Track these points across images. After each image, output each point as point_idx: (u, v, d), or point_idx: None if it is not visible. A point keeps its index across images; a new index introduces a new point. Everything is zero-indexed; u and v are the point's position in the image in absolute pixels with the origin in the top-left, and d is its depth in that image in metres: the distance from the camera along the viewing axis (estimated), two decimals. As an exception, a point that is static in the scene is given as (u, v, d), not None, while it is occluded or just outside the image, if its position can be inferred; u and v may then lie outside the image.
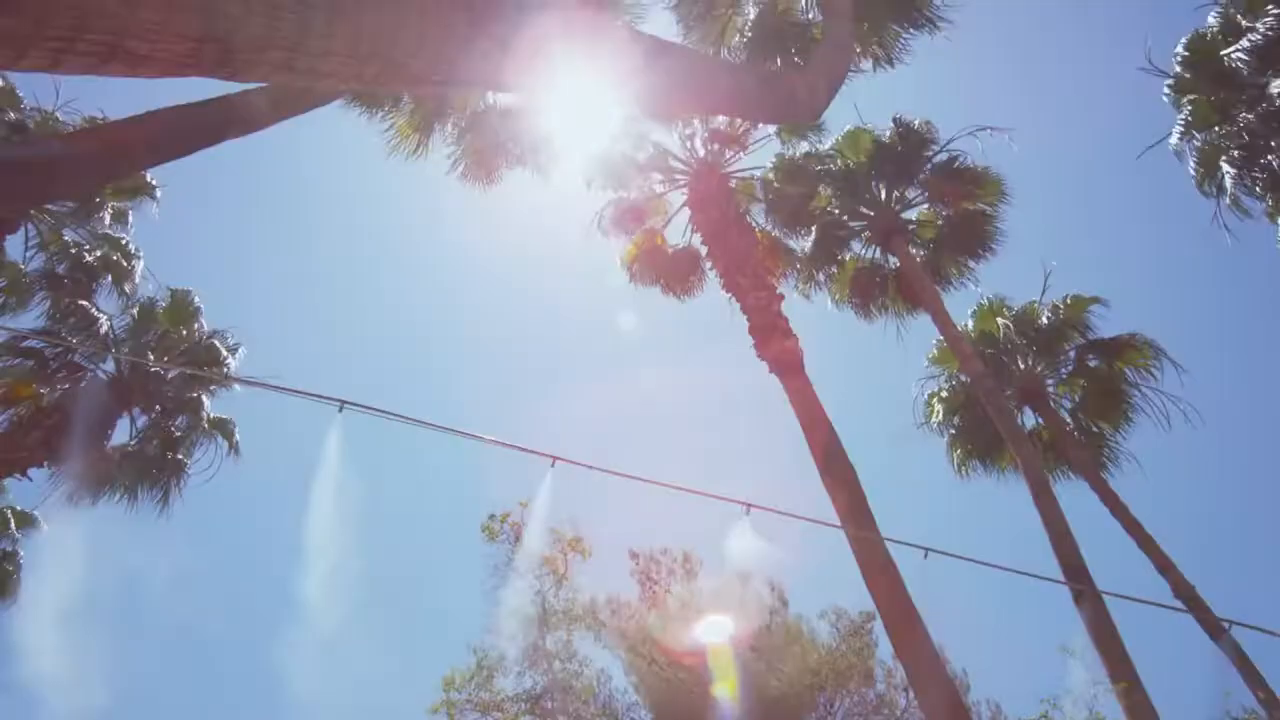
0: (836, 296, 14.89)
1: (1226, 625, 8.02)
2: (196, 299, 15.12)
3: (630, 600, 20.15)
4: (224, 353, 15.21)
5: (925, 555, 4.67)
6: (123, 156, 5.58)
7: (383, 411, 4.37)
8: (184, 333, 15.01)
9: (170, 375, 14.76)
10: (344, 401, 4.34)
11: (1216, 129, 12.07)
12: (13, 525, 15.84)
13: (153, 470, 15.32)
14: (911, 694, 14.49)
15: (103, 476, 14.60)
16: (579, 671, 16.08)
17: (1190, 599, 10.41)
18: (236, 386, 15.68)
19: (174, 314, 14.91)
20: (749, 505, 4.73)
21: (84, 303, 13.83)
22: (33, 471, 13.68)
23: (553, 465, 4.65)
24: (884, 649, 19.07)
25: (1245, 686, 9.10)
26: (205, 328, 15.21)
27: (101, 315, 14.03)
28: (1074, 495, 14.39)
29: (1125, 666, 6.31)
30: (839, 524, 7.05)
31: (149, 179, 14.05)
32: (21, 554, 15.95)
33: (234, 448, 15.59)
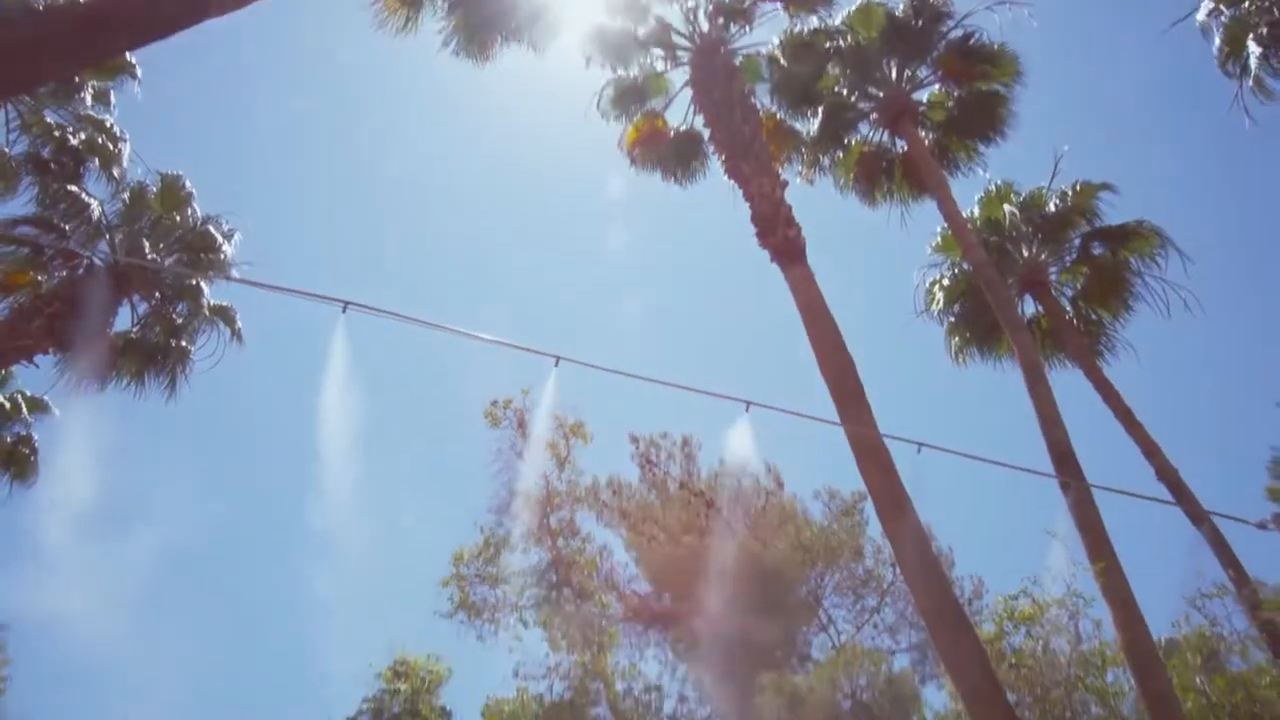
0: (841, 181, 14.59)
1: (1206, 514, 8.39)
2: (187, 184, 14.81)
3: (630, 482, 20.85)
4: (220, 239, 15.04)
5: (919, 450, 4.81)
6: (101, 34, 5.31)
7: (386, 312, 4.37)
8: (177, 219, 14.79)
9: (168, 262, 14.65)
10: (347, 302, 4.33)
11: (1246, 3, 11.49)
12: (25, 410, 16.14)
13: (157, 357, 15.47)
14: (898, 570, 15.19)
15: (108, 363, 14.76)
16: (581, 548, 16.82)
17: (1173, 483, 10.76)
18: (235, 273, 15.63)
19: (166, 199, 14.64)
20: (749, 403, 4.81)
21: (73, 188, 13.55)
22: (40, 359, 13.82)
23: (556, 365, 4.68)
24: (874, 528, 19.91)
25: (1219, 566, 9.57)
26: (198, 213, 14.97)
27: (92, 200, 13.79)
28: (1068, 383, 14.62)
29: (1105, 549, 6.60)
30: (836, 420, 7.19)
31: (129, 58, 13.47)
32: (36, 438, 16.34)
33: (236, 335, 15.68)
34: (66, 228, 13.78)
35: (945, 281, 14.98)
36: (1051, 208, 14.45)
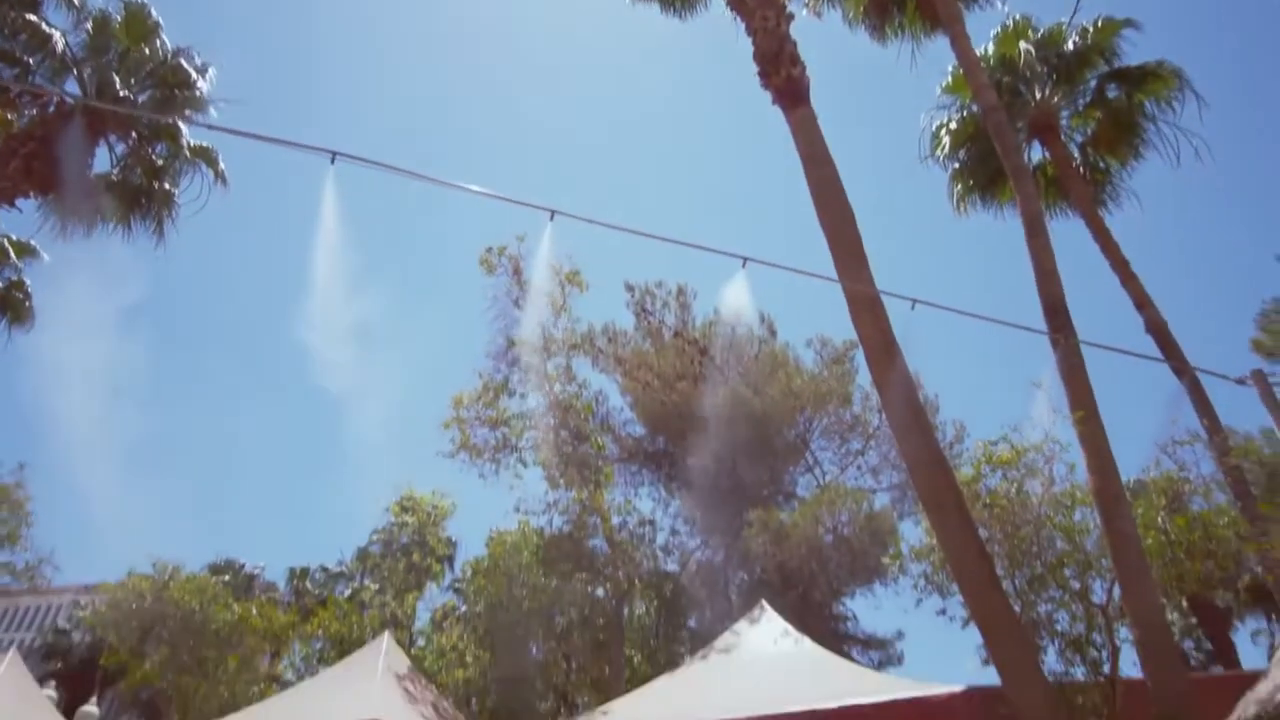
0: (850, 14, 13.71)
1: (1190, 369, 8.52)
2: (153, 12, 13.88)
3: (626, 329, 21.07)
4: (193, 74, 14.29)
5: (913, 306, 4.80)
6: None
7: (376, 163, 4.20)
8: (145, 51, 13.98)
9: (141, 99, 13.99)
10: (335, 153, 4.15)
11: None
12: (12, 255, 15.96)
13: (141, 200, 15.13)
14: (884, 416, 15.62)
15: (92, 206, 14.45)
16: (578, 393, 17.20)
17: (1161, 335, 10.90)
18: (213, 110, 14.98)
19: (131, 29, 13.76)
20: (745, 259, 4.74)
21: (32, 17, 12.70)
22: (23, 204, 13.50)
23: (551, 219, 4.57)
24: (863, 376, 20.36)
25: (1196, 415, 9.87)
26: (168, 45, 14.13)
27: (54, 31, 12.97)
28: (1067, 233, 14.49)
29: (1087, 399, 6.77)
30: (832, 276, 7.13)
31: None
32: (28, 282, 16.27)
33: (220, 177, 15.26)
34: (30, 61, 13.05)
35: (952, 125, 14.46)
36: (1070, 45, 13.71)
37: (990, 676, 5.97)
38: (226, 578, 27.78)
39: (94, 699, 20.05)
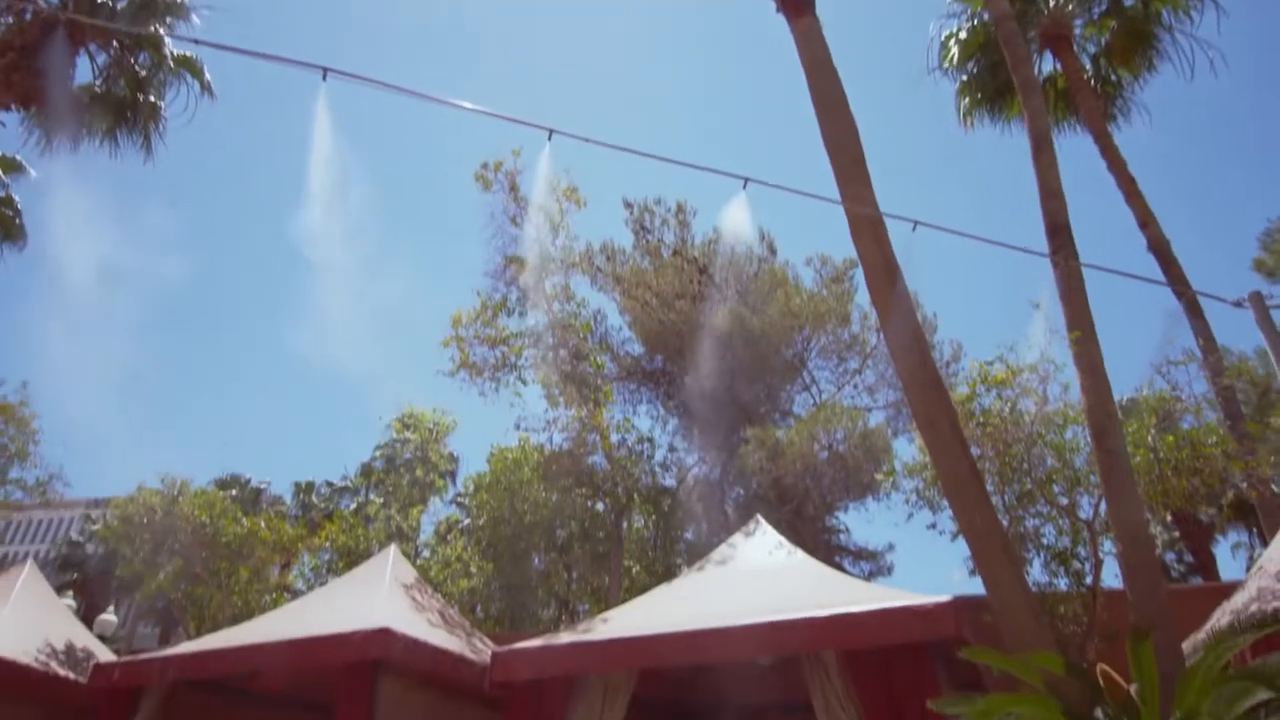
0: (860, -85, 13.10)
1: (1192, 292, 8.48)
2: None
3: (624, 248, 20.87)
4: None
5: (914, 228, 4.75)
6: None
7: (368, 79, 4.08)
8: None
9: (120, 6, 13.48)
10: (327, 69, 4.02)
11: None
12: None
13: (127, 113, 14.76)
14: (882, 335, 15.66)
15: (77, 119, 14.11)
16: (576, 312, 17.17)
17: (1163, 254, 10.85)
18: (195, 18, 14.45)
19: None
20: (746, 180, 4.66)
21: (-1, -83, 12.09)
22: (6, 118, 13.18)
23: (549, 139, 4.47)
24: (862, 295, 20.30)
25: (1192, 336, 9.93)
26: (146, -52, 13.53)
27: (24, -68, 12.36)
28: (1073, 149, 14.22)
29: (1085, 319, 6.78)
30: (834, 198, 7.01)
31: None
32: (17, 199, 16.02)
33: (206, 88, 14.86)
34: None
35: (962, 34, 14.03)
36: (1088, -50, 13.17)
37: (976, 587, 6.20)
38: (234, 492, 28.44)
39: (111, 607, 20.78)
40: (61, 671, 9.72)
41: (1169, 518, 18.34)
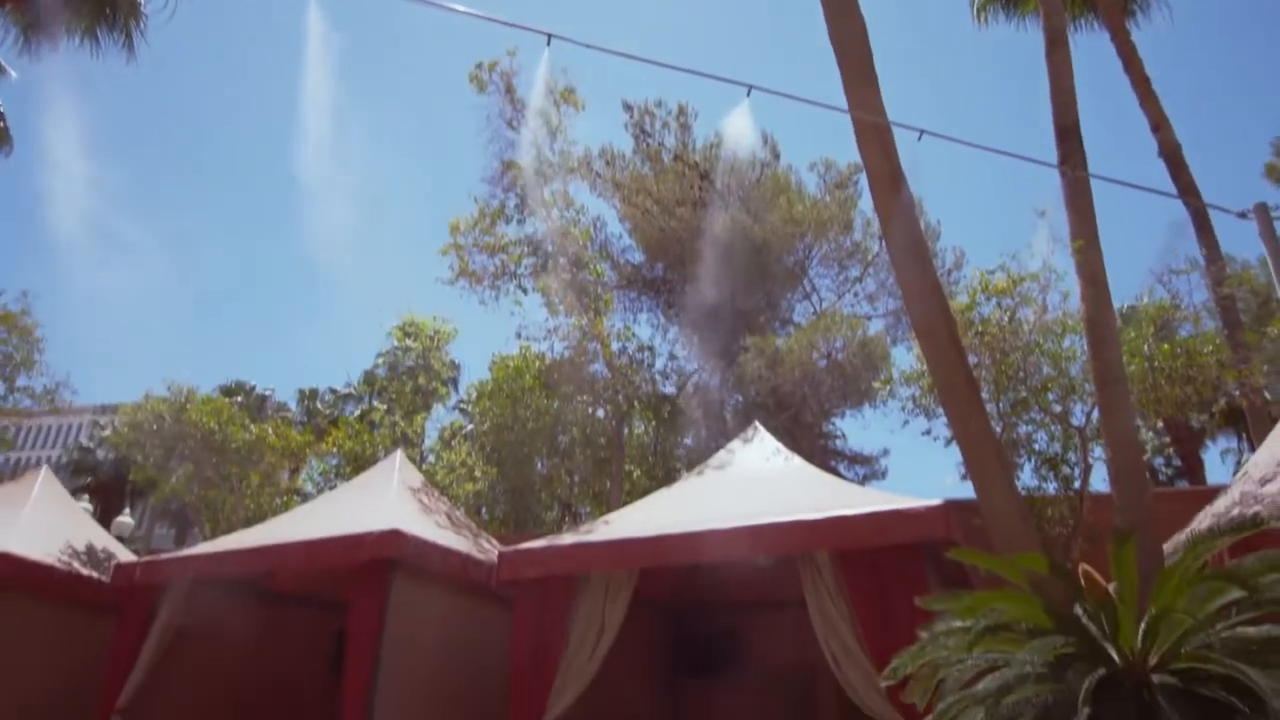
0: None
1: (1203, 203, 8.34)
2: None
3: (624, 153, 20.43)
4: None
5: (920, 137, 4.64)
6: None
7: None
8: None
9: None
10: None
11: None
12: (-22, 71, 15.17)
13: (105, 9, 14.20)
14: (884, 243, 15.52)
15: (55, 17, 13.58)
16: (576, 219, 16.98)
17: (1174, 159, 10.63)
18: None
19: None
20: (750, 87, 4.51)
21: None
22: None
23: (548, 44, 4.31)
24: (865, 202, 20.01)
25: (1197, 243, 9.85)
26: None
27: None
28: (1089, 50, 13.73)
29: (1089, 227, 6.70)
30: (839, 106, 6.81)
31: None
32: None
33: (187, -17, 14.20)
34: None
35: (979, -76, 13.32)
36: None
37: (967, 491, 6.37)
38: (239, 399, 28.83)
39: (127, 510, 21.38)
40: (84, 571, 10.10)
41: (1160, 424, 18.65)
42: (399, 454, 11.18)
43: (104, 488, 38.46)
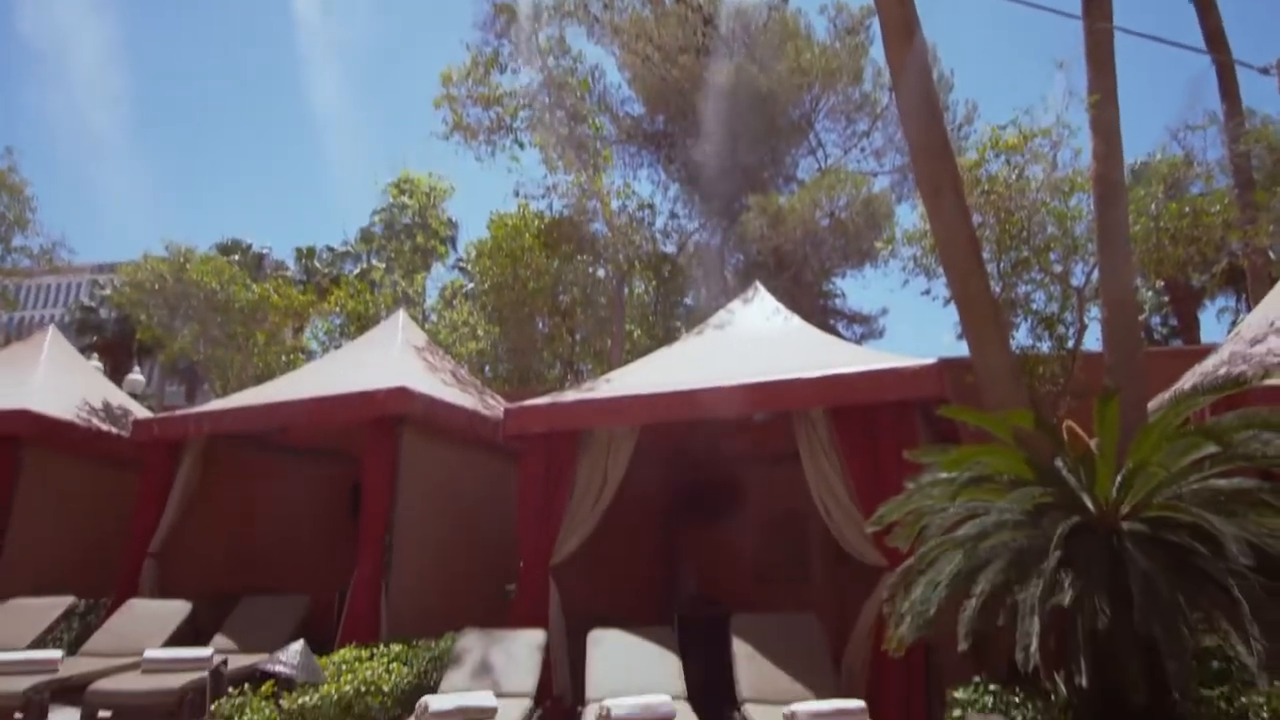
0: None
1: (1229, 59, 7.92)
2: None
3: (624, -6, 19.19)
4: None
5: (936, -17, 4.34)
6: None
7: None
8: None
9: None
10: None
11: None
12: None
13: None
14: (894, 95, 14.92)
15: None
16: (573, 68, 16.24)
17: (1203, 3, 10.04)
18: None
19: None
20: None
21: None
22: None
23: None
24: (876, 50, 19.03)
25: (1218, 98, 9.46)
26: None
27: None
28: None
29: (1108, 80, 6.42)
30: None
31: None
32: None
33: None
34: None
35: None
36: None
37: (963, 349, 6.48)
38: (236, 258, 28.66)
39: (137, 368, 21.78)
40: (104, 427, 10.45)
41: (1160, 284, 18.65)
42: (401, 313, 11.28)
43: (110, 346, 38.96)
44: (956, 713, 4.09)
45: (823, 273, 18.23)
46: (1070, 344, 8.81)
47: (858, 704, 4.70)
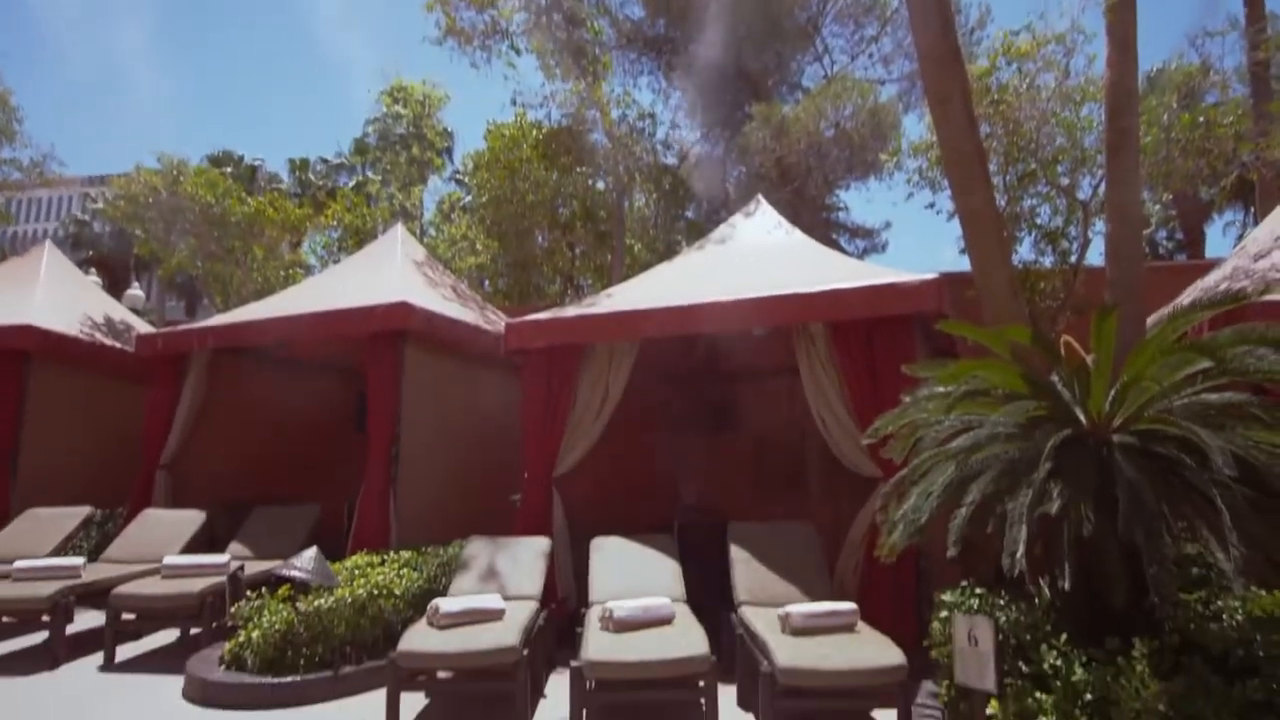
0: None
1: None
2: None
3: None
4: None
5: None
6: None
7: None
8: None
9: None
10: None
11: None
12: None
13: None
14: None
15: None
16: (570, -32, 15.53)
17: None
18: None
19: None
20: None
21: None
22: None
23: None
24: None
25: (1240, 2, 9.08)
26: None
27: None
28: None
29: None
30: None
31: None
32: None
33: None
34: None
35: None
36: None
37: (965, 264, 6.46)
38: (229, 170, 28.15)
39: (136, 283, 21.70)
40: (107, 342, 10.51)
41: (1168, 197, 18.37)
42: (399, 227, 11.17)
43: (106, 262, 38.73)
44: (943, 614, 4.27)
45: (826, 185, 17.93)
46: (1073, 259, 8.77)
47: (849, 606, 4.90)
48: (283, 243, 17.10)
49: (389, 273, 9.57)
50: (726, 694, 4.75)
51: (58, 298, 10.77)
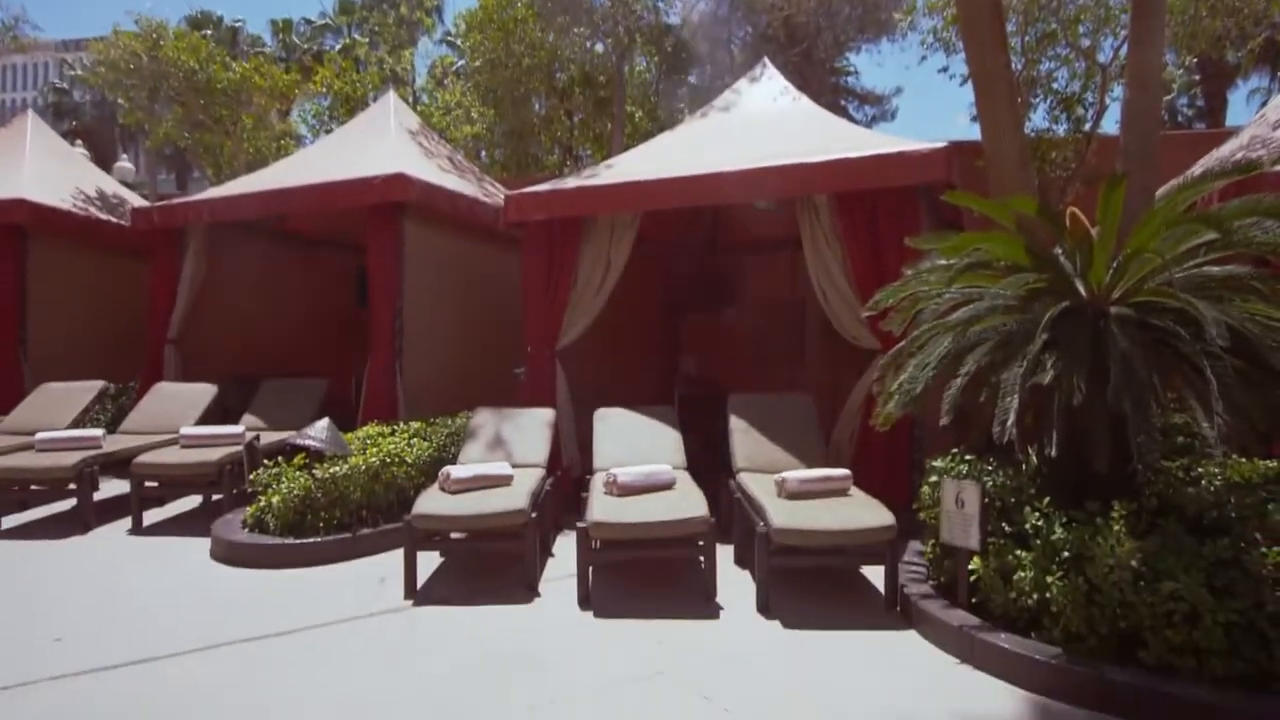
0: None
1: None
2: None
3: None
4: None
5: None
6: None
7: None
8: None
9: None
10: None
11: None
12: None
13: None
14: None
15: None
16: None
17: None
18: None
19: None
20: None
21: None
22: None
23: None
24: None
25: None
26: None
27: None
28: None
29: None
30: None
31: None
32: None
33: None
34: None
35: None
36: None
37: (976, 133, 6.27)
38: (209, 32, 26.78)
39: (125, 155, 21.14)
40: (102, 216, 10.38)
41: (1193, 61, 17.57)
42: (391, 95, 10.78)
43: (89, 133, 37.53)
44: (933, 479, 4.45)
45: (836, 47, 17.12)
46: (1088, 126, 8.51)
47: (843, 471, 5.09)
48: (272, 111, 16.52)
49: (384, 143, 9.33)
50: (724, 553, 5.02)
51: (46, 171, 10.54)
